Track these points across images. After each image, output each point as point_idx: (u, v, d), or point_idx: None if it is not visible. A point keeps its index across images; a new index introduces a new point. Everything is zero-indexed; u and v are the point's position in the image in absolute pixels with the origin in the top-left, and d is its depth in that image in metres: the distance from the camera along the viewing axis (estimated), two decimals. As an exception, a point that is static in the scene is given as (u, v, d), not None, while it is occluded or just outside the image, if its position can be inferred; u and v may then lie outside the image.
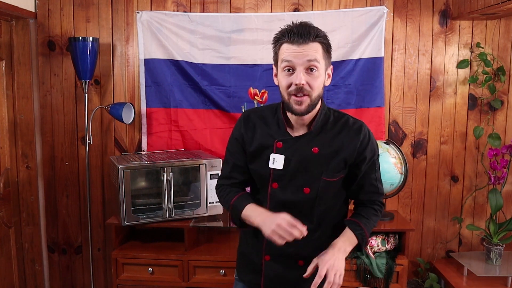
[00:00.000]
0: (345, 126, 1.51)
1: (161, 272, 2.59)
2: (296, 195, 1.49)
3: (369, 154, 1.52)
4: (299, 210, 1.50)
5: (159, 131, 2.90)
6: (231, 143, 1.62)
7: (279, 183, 1.50)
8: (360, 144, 1.49)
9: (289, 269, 1.56)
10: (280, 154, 1.49)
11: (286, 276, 1.56)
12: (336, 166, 1.49)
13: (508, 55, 2.83)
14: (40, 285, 3.06)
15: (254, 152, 1.54)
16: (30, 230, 2.97)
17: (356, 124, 1.52)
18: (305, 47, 1.39)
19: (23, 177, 2.92)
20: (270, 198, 1.52)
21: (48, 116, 2.94)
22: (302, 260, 1.54)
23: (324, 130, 1.51)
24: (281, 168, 1.48)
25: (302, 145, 1.50)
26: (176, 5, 2.84)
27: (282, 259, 1.56)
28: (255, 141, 1.54)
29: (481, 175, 2.93)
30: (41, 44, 2.88)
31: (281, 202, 1.50)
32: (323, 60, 1.43)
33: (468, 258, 2.81)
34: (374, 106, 2.82)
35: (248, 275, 1.61)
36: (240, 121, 1.60)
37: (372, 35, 2.77)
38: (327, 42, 1.45)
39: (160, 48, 2.82)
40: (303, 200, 1.50)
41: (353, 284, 2.54)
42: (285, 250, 1.50)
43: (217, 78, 2.83)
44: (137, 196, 2.64)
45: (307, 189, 1.49)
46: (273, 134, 1.52)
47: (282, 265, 1.56)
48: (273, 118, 1.55)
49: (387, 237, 2.61)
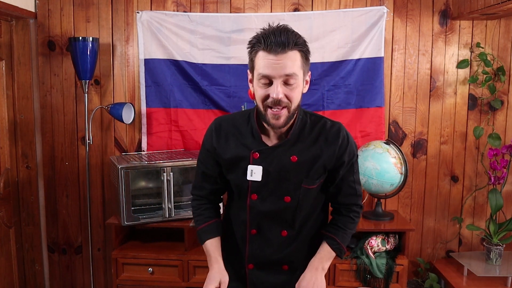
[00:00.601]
0: (323, 130, 1.45)
1: (161, 272, 2.59)
2: (276, 204, 1.45)
3: (347, 157, 1.47)
4: (280, 218, 1.48)
5: (159, 131, 2.90)
6: (202, 153, 1.55)
7: (258, 195, 1.45)
8: (338, 149, 1.44)
9: (274, 275, 1.54)
10: (257, 165, 1.43)
11: (271, 281, 1.54)
12: (316, 173, 1.45)
13: (508, 55, 2.83)
14: (40, 285, 3.06)
15: (230, 163, 1.48)
16: (30, 230, 2.97)
17: (334, 128, 1.46)
18: (283, 57, 1.29)
19: (23, 177, 2.92)
20: (250, 210, 1.48)
21: (48, 116, 2.94)
22: (287, 265, 1.53)
23: (302, 137, 1.45)
24: (259, 180, 1.43)
25: (280, 154, 1.43)
26: (176, 5, 2.84)
27: (266, 266, 1.53)
28: (229, 151, 1.47)
29: (481, 175, 2.93)
30: (41, 44, 2.88)
31: (262, 213, 1.47)
32: (301, 70, 1.34)
33: (468, 258, 2.81)
34: (374, 106, 2.82)
35: (232, 283, 1.55)
36: (211, 131, 1.51)
37: (372, 35, 2.77)
38: (306, 48, 1.36)
39: (160, 48, 2.82)
40: (283, 209, 1.46)
41: (353, 284, 2.54)
42: (269, 258, 1.50)
43: (217, 78, 2.83)
44: (137, 196, 2.64)
45: (288, 198, 1.45)
46: (248, 144, 1.45)
47: (267, 271, 1.53)
48: (246, 127, 1.46)
49: (387, 237, 2.61)
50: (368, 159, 2.58)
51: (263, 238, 1.49)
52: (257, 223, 1.49)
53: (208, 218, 1.57)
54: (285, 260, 1.52)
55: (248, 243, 1.52)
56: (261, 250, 1.51)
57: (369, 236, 2.60)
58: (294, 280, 1.50)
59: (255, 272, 1.54)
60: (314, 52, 2.76)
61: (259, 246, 1.50)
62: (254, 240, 1.51)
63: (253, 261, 1.53)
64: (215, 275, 1.46)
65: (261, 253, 1.51)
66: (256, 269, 1.54)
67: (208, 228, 1.55)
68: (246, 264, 1.54)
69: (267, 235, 1.49)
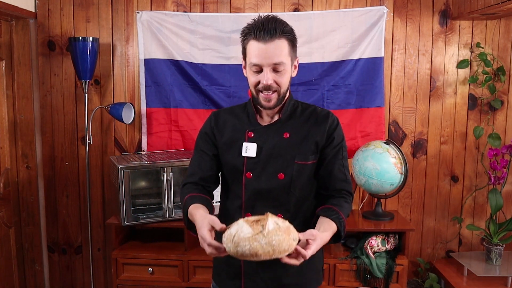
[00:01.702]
0: (313, 113, 1.57)
1: (161, 272, 2.59)
2: (270, 182, 1.49)
3: (337, 137, 1.54)
4: (275, 198, 1.50)
5: (159, 131, 2.90)
6: (200, 138, 1.62)
7: (253, 172, 1.50)
8: (329, 127, 1.53)
9: (269, 267, 1.51)
10: (252, 142, 1.52)
11: (267, 274, 1.52)
12: (308, 149, 1.52)
13: (508, 55, 2.83)
14: (40, 285, 3.06)
15: (226, 144, 1.56)
16: (30, 230, 2.97)
17: (323, 111, 1.58)
18: (271, 45, 1.41)
19: (23, 177, 2.92)
20: (245, 188, 1.51)
21: (48, 116, 2.94)
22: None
23: (293, 117, 1.56)
24: (254, 155, 1.50)
25: (273, 132, 1.53)
26: (176, 5, 2.84)
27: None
28: (226, 133, 1.57)
29: (481, 175, 2.93)
30: (41, 44, 2.88)
31: (256, 191, 1.50)
32: (288, 57, 1.46)
33: (468, 258, 2.81)
34: (374, 106, 2.82)
35: (227, 281, 1.55)
36: (210, 118, 1.63)
37: (372, 35, 2.77)
38: (293, 36, 1.48)
39: (160, 48, 2.82)
40: (278, 187, 1.49)
41: (353, 284, 2.54)
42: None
43: (217, 78, 2.83)
44: (137, 196, 2.64)
45: (282, 175, 1.49)
46: (244, 125, 1.56)
47: (262, 263, 1.45)
48: (243, 113, 1.60)
49: (387, 237, 2.61)
50: (368, 159, 2.58)
51: None
52: (252, 205, 1.50)
53: (195, 191, 1.53)
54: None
55: None
56: None
57: (369, 236, 2.60)
58: (290, 271, 1.49)
59: (251, 264, 1.52)
60: (314, 52, 2.82)
61: None
62: None
63: None
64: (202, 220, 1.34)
65: None
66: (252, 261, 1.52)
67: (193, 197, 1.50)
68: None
69: None
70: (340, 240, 1.47)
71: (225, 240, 1.22)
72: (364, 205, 2.95)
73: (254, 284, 1.53)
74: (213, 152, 1.59)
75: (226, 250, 1.24)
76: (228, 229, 1.23)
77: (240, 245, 1.16)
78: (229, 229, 1.22)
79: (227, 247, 1.21)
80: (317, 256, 1.48)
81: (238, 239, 1.17)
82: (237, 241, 1.17)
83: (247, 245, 1.15)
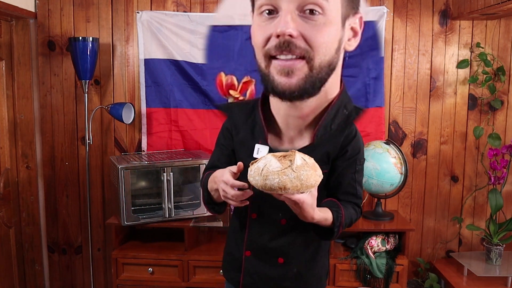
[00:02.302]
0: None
1: (161, 272, 2.59)
2: None
3: (351, 149, 1.32)
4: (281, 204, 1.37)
5: (159, 131, 2.90)
6: (222, 132, 1.49)
7: None
8: (344, 139, 1.30)
9: (269, 266, 1.47)
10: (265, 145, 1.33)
11: (266, 273, 1.48)
12: (320, 159, 1.31)
13: (508, 55, 2.83)
14: (40, 285, 3.06)
15: (240, 142, 1.43)
16: (30, 230, 2.97)
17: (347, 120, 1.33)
18: None
19: (23, 177, 2.92)
20: (253, 190, 1.43)
21: (48, 116, 2.94)
22: (282, 257, 1.46)
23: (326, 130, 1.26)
24: None
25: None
26: (176, 5, 2.84)
27: (262, 255, 1.47)
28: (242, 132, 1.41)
29: (481, 175, 2.93)
30: (41, 44, 2.88)
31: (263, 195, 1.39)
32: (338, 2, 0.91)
33: (468, 258, 2.81)
34: (374, 106, 2.82)
35: (231, 272, 1.53)
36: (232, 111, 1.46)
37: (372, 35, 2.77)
38: None
39: (160, 48, 2.82)
40: None
41: (353, 284, 2.54)
42: (266, 245, 1.44)
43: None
44: (137, 196, 2.64)
45: None
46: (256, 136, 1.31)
47: (262, 261, 1.47)
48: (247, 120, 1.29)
49: (387, 237, 2.61)
50: (368, 159, 2.58)
51: (262, 223, 1.45)
52: (258, 207, 1.44)
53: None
54: (281, 251, 1.45)
55: (247, 228, 1.48)
56: (259, 235, 1.46)
57: (369, 236, 2.60)
58: (289, 274, 1.46)
59: (251, 259, 1.49)
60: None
61: (258, 231, 1.46)
62: (254, 225, 1.47)
63: (250, 248, 1.48)
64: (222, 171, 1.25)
65: (259, 238, 1.46)
66: (253, 256, 1.48)
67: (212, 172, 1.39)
68: (244, 250, 1.50)
69: (266, 220, 1.45)
70: (331, 238, 1.32)
71: (252, 173, 1.16)
72: (364, 205, 2.95)
73: (252, 280, 1.50)
74: (232, 147, 1.47)
75: (253, 183, 1.12)
76: (255, 163, 1.18)
77: (269, 178, 1.12)
78: (256, 163, 1.17)
79: (254, 180, 1.15)
80: (319, 262, 1.47)
81: (267, 172, 1.13)
82: (266, 175, 1.13)
83: (276, 178, 1.12)
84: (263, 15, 0.90)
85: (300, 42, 0.88)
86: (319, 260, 1.48)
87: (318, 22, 0.88)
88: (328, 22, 0.89)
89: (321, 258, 1.49)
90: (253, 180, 1.15)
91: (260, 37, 0.90)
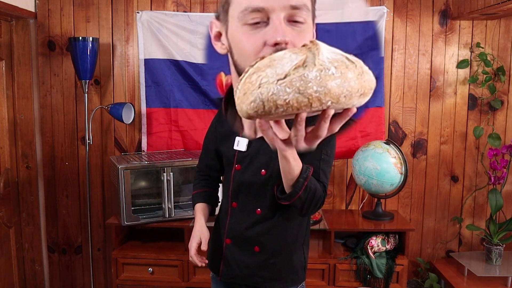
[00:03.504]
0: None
1: (161, 272, 2.59)
2: (254, 176, 1.49)
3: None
4: (256, 193, 1.50)
5: (159, 131, 2.90)
6: (209, 128, 1.70)
7: (242, 165, 1.51)
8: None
9: (246, 255, 1.55)
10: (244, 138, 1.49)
11: (243, 261, 1.56)
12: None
13: (508, 55, 2.83)
14: (40, 285, 3.06)
15: (224, 135, 1.58)
16: (30, 230, 2.97)
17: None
18: None
19: (23, 177, 2.92)
20: (233, 179, 1.54)
21: (48, 116, 2.94)
22: (258, 246, 1.53)
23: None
24: (244, 150, 1.49)
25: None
26: (176, 5, 2.84)
27: (240, 243, 1.56)
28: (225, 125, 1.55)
29: (481, 175, 2.93)
30: (41, 44, 2.88)
31: (241, 183, 1.52)
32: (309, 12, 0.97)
33: (468, 258, 2.81)
34: (374, 106, 2.82)
35: (214, 261, 1.65)
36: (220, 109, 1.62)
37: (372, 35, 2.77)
38: None
39: (160, 48, 2.82)
40: (259, 182, 1.48)
41: (353, 284, 2.54)
42: (243, 233, 1.53)
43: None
44: (137, 196, 2.64)
45: (264, 171, 1.46)
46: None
47: (240, 249, 1.56)
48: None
49: (387, 237, 2.61)
50: (368, 159, 2.58)
51: (241, 212, 1.54)
52: (237, 196, 1.53)
53: (203, 186, 1.72)
54: (257, 240, 1.53)
55: (229, 216, 1.57)
56: (238, 224, 1.54)
57: (369, 236, 2.60)
58: (263, 263, 1.53)
59: (231, 247, 1.57)
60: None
61: (237, 220, 1.55)
62: (234, 213, 1.56)
63: (230, 235, 1.57)
64: (196, 233, 1.61)
65: (237, 227, 1.54)
66: (233, 244, 1.57)
67: (200, 194, 1.70)
68: (224, 238, 1.59)
69: (244, 209, 1.54)
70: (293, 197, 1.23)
71: (268, 86, 0.69)
72: (364, 205, 2.95)
73: (229, 269, 1.58)
74: (214, 146, 1.66)
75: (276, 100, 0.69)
76: (258, 72, 0.72)
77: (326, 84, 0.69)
78: (268, 68, 0.71)
79: (279, 95, 0.69)
80: (295, 255, 1.52)
81: (309, 77, 0.68)
82: (307, 80, 0.68)
83: (338, 80, 0.69)
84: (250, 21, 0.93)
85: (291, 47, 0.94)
86: (295, 252, 1.53)
87: (301, 29, 0.94)
88: (308, 28, 0.97)
89: (297, 251, 1.54)
90: (274, 96, 0.69)
91: (251, 46, 0.93)
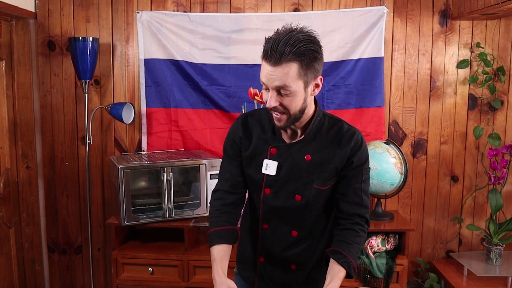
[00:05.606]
0: (339, 133, 1.47)
1: (161, 272, 2.59)
2: (287, 201, 1.49)
3: (356, 160, 1.46)
4: (290, 217, 1.51)
5: (159, 131, 2.90)
6: (229, 144, 1.59)
7: (272, 189, 1.49)
8: (350, 150, 1.45)
9: (282, 272, 1.58)
10: (273, 160, 1.48)
11: (279, 278, 1.59)
12: (328, 175, 1.47)
13: (508, 55, 2.83)
14: (40, 285, 3.06)
15: (249, 158, 1.53)
16: (30, 230, 2.97)
17: (349, 131, 1.47)
18: (277, 69, 1.31)
19: (23, 177, 2.92)
20: (263, 204, 1.52)
21: (48, 116, 2.94)
22: (295, 265, 1.56)
23: (318, 136, 1.47)
24: (273, 174, 1.47)
25: (295, 152, 1.47)
26: (176, 5, 2.84)
27: (275, 262, 1.57)
28: (251, 146, 1.53)
29: (481, 175, 2.93)
30: (41, 44, 2.88)
31: (273, 208, 1.51)
32: (299, 80, 1.33)
33: (468, 258, 2.81)
34: (374, 106, 2.82)
35: (246, 272, 1.65)
36: (238, 123, 1.57)
37: (372, 35, 2.77)
38: (309, 57, 1.33)
39: (160, 48, 2.82)
40: (294, 207, 1.49)
41: (353, 284, 2.54)
42: (278, 254, 1.54)
43: (217, 78, 2.83)
44: (137, 196, 2.64)
45: (299, 197, 1.48)
46: (268, 139, 1.51)
47: (275, 267, 1.58)
48: (269, 124, 1.52)
49: (387, 237, 2.61)
50: (368, 159, 2.58)
51: (273, 235, 1.54)
52: (268, 219, 1.53)
53: (224, 222, 1.55)
54: (294, 260, 1.55)
55: (260, 237, 1.57)
56: (271, 245, 1.55)
57: (369, 236, 2.60)
58: (301, 279, 1.55)
59: (265, 265, 1.59)
60: (314, 52, 2.81)
61: (270, 242, 1.55)
62: (266, 235, 1.56)
63: (263, 255, 1.58)
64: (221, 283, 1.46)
65: (271, 248, 1.55)
66: (267, 262, 1.59)
67: (222, 233, 1.53)
68: (258, 256, 1.60)
69: (277, 232, 1.53)
70: (352, 277, 1.46)
71: None
72: (364, 205, 2.95)
73: (266, 284, 1.61)
74: (241, 158, 1.57)
75: None
76: None
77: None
78: None
79: None
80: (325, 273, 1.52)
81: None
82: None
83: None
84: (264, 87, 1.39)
85: (280, 107, 1.37)
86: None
87: (289, 97, 1.35)
88: (294, 95, 1.35)
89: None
90: None
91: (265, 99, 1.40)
